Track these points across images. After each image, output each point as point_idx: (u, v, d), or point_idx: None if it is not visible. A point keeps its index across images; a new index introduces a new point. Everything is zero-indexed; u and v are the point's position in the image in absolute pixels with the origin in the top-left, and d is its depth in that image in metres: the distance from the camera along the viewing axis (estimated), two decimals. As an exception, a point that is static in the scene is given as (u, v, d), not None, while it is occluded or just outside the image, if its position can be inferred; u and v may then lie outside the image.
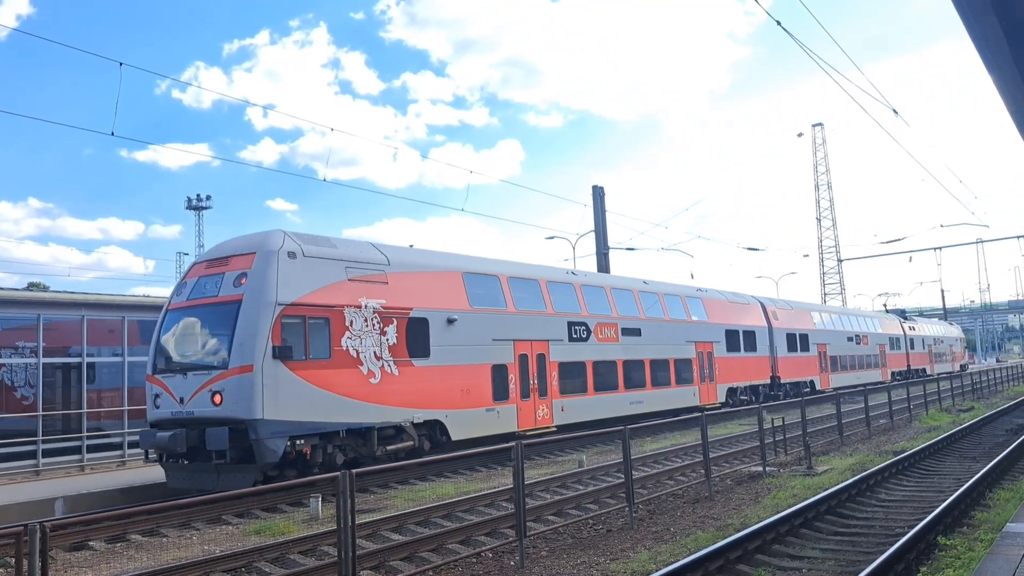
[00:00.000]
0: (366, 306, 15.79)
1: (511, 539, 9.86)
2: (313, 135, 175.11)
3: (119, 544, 11.42)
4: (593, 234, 33.94)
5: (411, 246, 19.56)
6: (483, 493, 13.56)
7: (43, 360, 18.58)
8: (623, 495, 11.96)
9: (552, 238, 42.28)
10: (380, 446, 15.81)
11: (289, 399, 14.13)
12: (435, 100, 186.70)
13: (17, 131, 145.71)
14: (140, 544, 11.42)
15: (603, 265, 33.10)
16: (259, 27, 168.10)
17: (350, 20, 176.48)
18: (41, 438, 18.19)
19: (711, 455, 14.20)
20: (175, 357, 15.02)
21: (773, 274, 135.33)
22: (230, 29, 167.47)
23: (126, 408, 19.73)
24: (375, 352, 15.80)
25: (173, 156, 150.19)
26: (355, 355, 15.40)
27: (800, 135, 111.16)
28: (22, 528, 5.92)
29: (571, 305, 22.11)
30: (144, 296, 24.35)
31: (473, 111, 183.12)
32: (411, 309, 16.80)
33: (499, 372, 18.85)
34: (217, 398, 13.91)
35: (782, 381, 33.18)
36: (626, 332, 23.83)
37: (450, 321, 17.64)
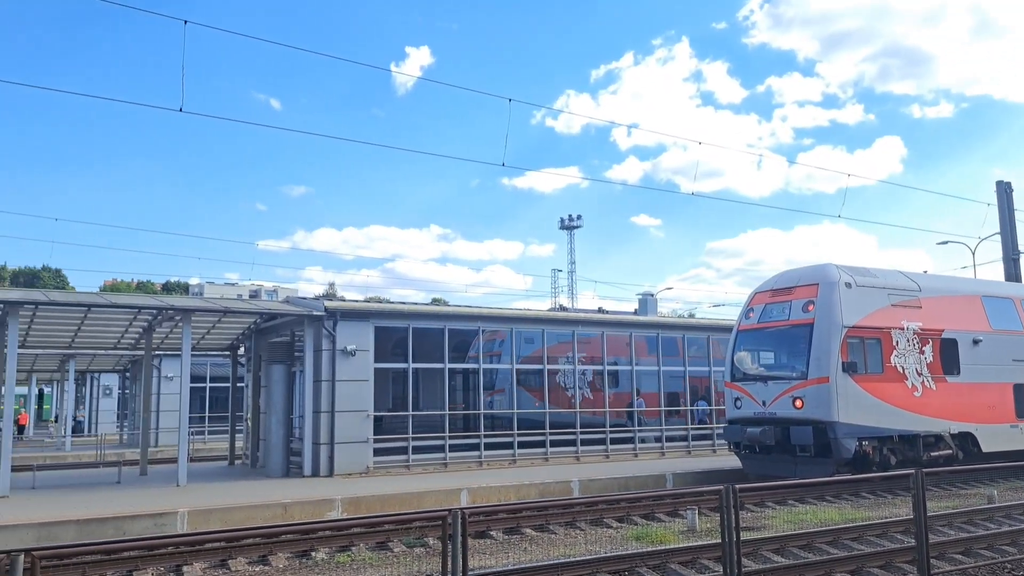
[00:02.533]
0: (907, 328, 18.22)
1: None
2: (675, 150, 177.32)
3: (515, 536, 12.55)
4: (999, 237, 29.59)
5: (924, 272, 21.34)
6: (874, 522, 12.49)
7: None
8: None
9: (946, 243, 37.73)
10: (924, 452, 17.68)
11: (855, 406, 16.88)
12: (802, 102, 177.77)
13: (422, 167, 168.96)
14: (532, 538, 12.43)
15: (1012, 272, 28.73)
16: (624, 50, 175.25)
17: (711, 31, 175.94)
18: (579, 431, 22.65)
19: None
20: (754, 369, 18.69)
21: None
22: (597, 56, 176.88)
23: (662, 408, 24.01)
24: (916, 369, 18.12)
25: (547, 180, 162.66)
26: (901, 371, 17.85)
27: None
28: (447, 512, 6.79)
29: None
30: (525, 310, 26.62)
31: (846, 109, 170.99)
32: (942, 330, 18.89)
33: (1020, 391, 19.96)
34: (798, 403, 17.02)
35: None
36: None
37: (975, 342, 19.33)
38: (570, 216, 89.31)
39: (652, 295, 32.86)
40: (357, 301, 24.04)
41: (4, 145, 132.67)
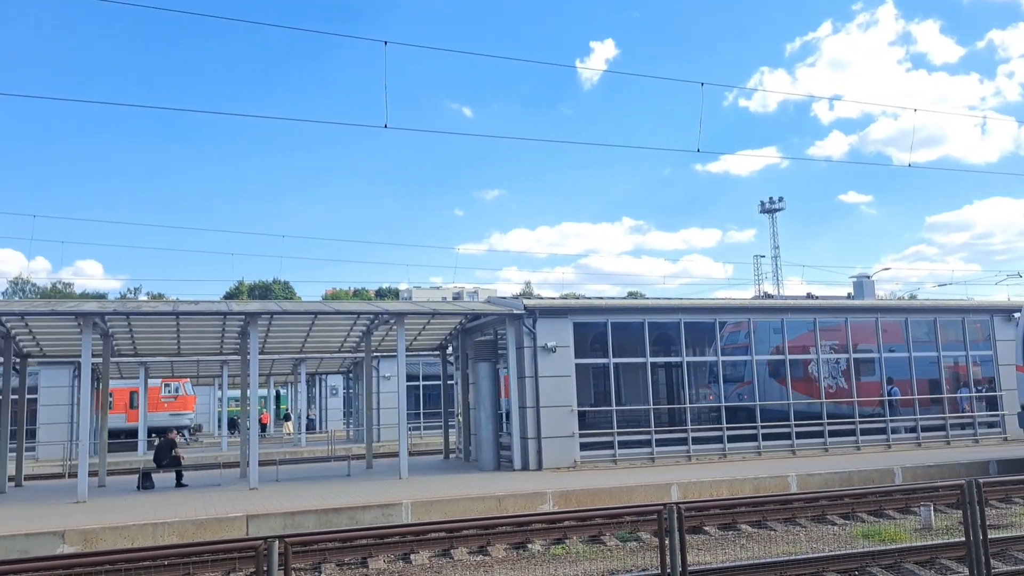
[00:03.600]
0: None
1: None
2: (884, 120, 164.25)
3: (730, 532, 12.21)
4: None
5: None
6: None
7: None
8: None
9: None
10: None
11: None
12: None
13: (611, 160, 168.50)
14: (749, 535, 12.03)
15: None
16: (820, 20, 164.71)
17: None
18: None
19: None
20: None
21: None
22: (791, 28, 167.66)
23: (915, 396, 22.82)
24: None
25: (743, 163, 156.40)
26: None
27: None
28: (662, 507, 6.72)
29: None
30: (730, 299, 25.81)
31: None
32: None
33: None
34: None
35: None
36: None
37: None
38: (771, 199, 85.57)
39: (868, 277, 30.64)
40: (554, 298, 24.38)
41: (235, 172, 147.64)
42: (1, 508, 16.16)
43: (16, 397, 21.83)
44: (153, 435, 32.39)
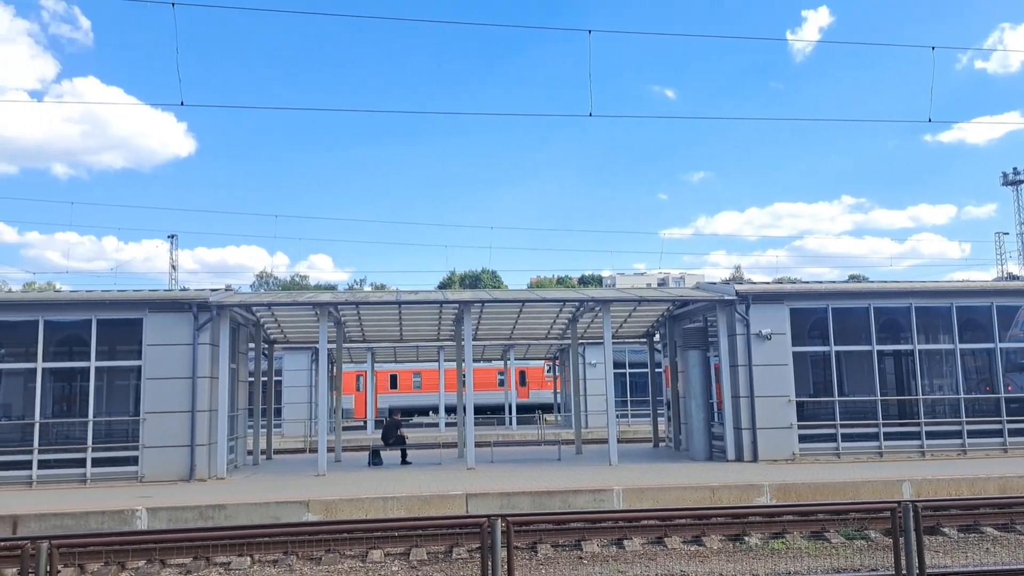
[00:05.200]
0: None
1: None
2: None
3: (972, 535, 11.18)
4: None
5: None
6: None
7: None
8: None
9: None
10: None
11: None
12: None
13: (827, 135, 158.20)
14: (994, 538, 10.96)
15: None
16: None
17: None
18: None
19: None
20: None
21: None
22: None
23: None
24: None
25: (981, 131, 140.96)
26: None
27: None
28: (895, 504, 6.29)
29: None
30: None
31: None
32: None
33: None
34: None
35: None
36: None
37: None
38: (1014, 169, 76.48)
39: None
40: (767, 283, 23.39)
41: (447, 167, 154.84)
42: (257, 478, 18.13)
43: (265, 379, 24.35)
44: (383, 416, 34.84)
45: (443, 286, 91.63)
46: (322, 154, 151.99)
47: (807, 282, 24.99)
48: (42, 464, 17.33)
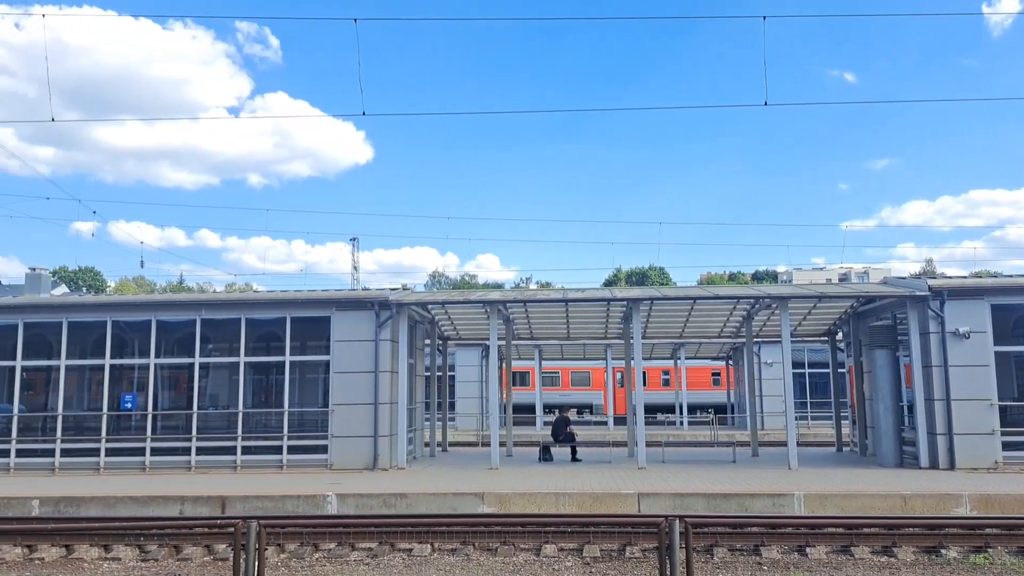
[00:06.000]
0: None
1: None
2: None
3: None
4: None
5: None
6: None
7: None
8: None
9: None
10: None
11: None
12: None
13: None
14: None
15: None
16: None
17: None
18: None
19: None
20: None
21: None
22: None
23: None
24: None
25: None
26: None
27: None
28: None
29: None
30: None
31: None
32: None
33: None
34: None
35: None
36: None
37: None
38: None
39: None
40: (964, 277, 21.54)
41: (614, 164, 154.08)
42: (434, 469, 18.89)
43: (439, 374, 25.33)
44: (552, 411, 35.31)
45: (608, 284, 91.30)
46: (491, 155, 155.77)
47: (1010, 276, 22.80)
48: (245, 450, 18.92)
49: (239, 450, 18.88)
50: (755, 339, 25.63)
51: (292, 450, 18.88)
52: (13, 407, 19.37)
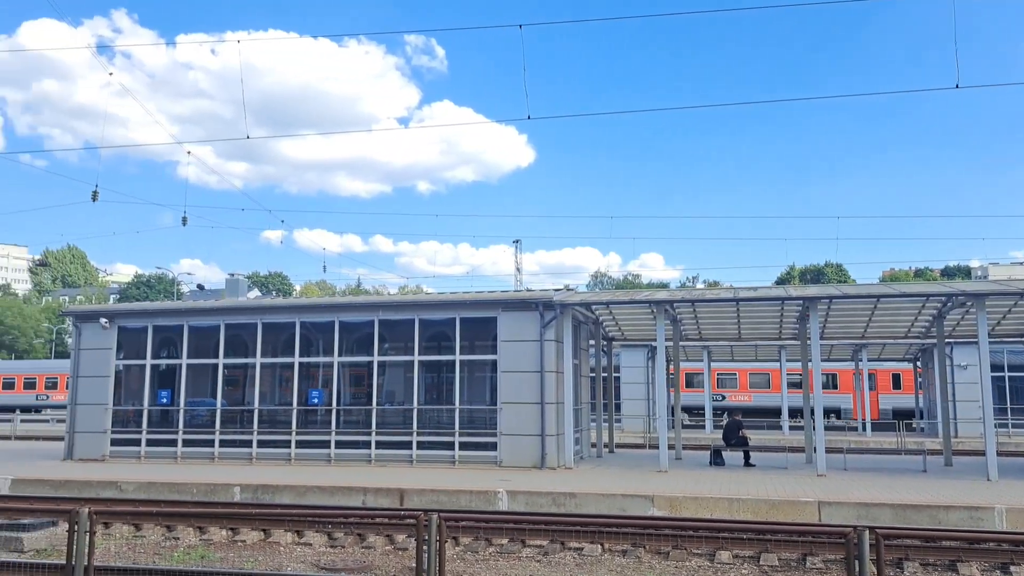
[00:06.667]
0: None
1: None
2: None
3: None
4: None
5: None
6: None
7: None
8: None
9: None
10: None
11: None
12: None
13: None
14: None
15: None
16: None
17: None
18: None
19: None
20: None
21: None
22: None
23: None
24: None
25: None
26: None
27: None
28: None
29: None
30: None
31: None
32: None
33: None
34: None
35: None
36: None
37: None
38: None
39: None
40: None
41: (787, 157, 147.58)
42: (602, 470, 18.87)
43: (605, 375, 25.25)
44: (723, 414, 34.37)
45: (781, 282, 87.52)
46: (654, 153, 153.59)
47: None
48: (419, 445, 19.72)
49: (414, 445, 19.69)
50: (948, 339, 23.76)
51: (463, 446, 19.46)
52: (217, 401, 21.23)
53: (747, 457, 20.38)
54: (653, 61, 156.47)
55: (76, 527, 6.89)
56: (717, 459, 20.52)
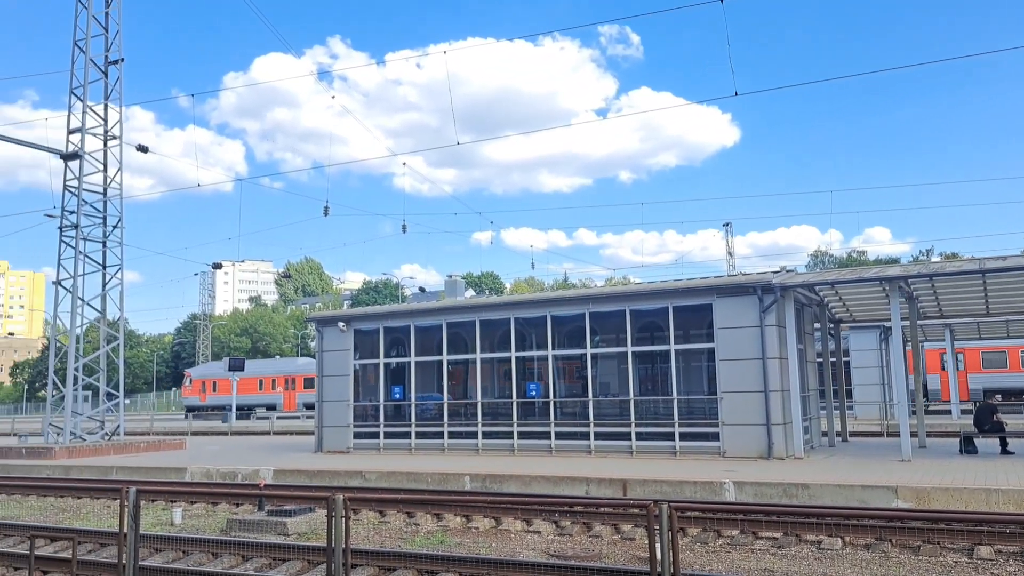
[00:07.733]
0: None
1: None
2: None
3: None
4: None
5: None
6: None
7: None
8: None
9: None
10: None
11: None
12: None
13: None
14: None
15: None
16: None
17: None
18: None
19: None
20: None
21: None
22: None
23: None
24: None
25: None
26: None
27: None
28: None
29: None
30: None
31: None
32: None
33: None
34: None
35: None
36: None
37: None
38: None
39: None
40: None
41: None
42: (835, 460, 17.79)
43: (833, 360, 23.77)
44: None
45: (1033, 249, 77.83)
46: (872, 121, 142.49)
47: None
48: (638, 436, 19.64)
49: (633, 435, 19.63)
50: None
51: (683, 436, 19.13)
52: (443, 396, 22.42)
53: (1004, 444, 18.36)
54: (860, 24, 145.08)
55: (333, 513, 7.54)
56: (968, 447, 18.65)
